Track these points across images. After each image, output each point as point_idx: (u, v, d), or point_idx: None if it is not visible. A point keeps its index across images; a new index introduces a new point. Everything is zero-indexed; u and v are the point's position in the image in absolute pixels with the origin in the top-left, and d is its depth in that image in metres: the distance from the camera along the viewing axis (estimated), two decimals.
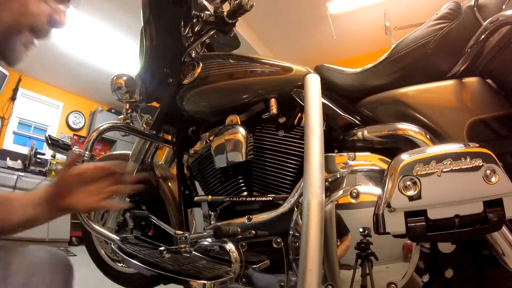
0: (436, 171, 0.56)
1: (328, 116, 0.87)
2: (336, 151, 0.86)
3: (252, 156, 0.88)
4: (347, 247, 0.71)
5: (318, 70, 0.94)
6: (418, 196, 0.56)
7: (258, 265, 0.80)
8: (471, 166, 0.56)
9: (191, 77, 0.98)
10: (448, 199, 0.56)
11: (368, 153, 0.79)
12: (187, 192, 1.05)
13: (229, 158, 0.87)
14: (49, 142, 0.94)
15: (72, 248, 3.62)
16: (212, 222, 0.93)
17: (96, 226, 1.06)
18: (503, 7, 0.72)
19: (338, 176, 0.79)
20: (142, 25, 1.04)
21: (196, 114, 1.03)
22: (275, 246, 0.81)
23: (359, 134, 0.83)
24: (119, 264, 1.26)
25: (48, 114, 4.89)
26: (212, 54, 1.11)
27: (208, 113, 1.01)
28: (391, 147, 0.80)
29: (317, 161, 0.68)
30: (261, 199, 0.87)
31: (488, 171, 0.56)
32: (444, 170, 0.56)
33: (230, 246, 0.82)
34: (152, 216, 1.04)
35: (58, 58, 4.10)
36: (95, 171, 0.66)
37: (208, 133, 1.00)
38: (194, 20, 1.04)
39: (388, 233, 0.57)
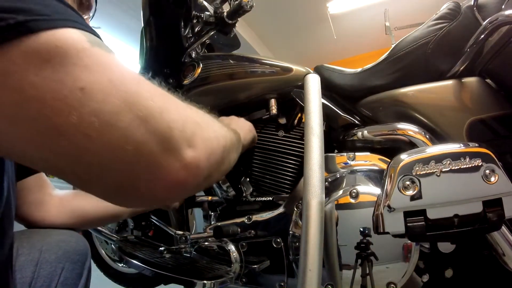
0: (436, 171, 0.56)
1: (328, 116, 0.87)
2: (336, 151, 0.86)
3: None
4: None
5: (317, 70, 0.95)
6: (417, 196, 0.56)
7: (258, 265, 0.80)
8: (470, 166, 0.56)
9: (191, 77, 0.98)
10: (447, 199, 0.56)
11: (367, 153, 0.79)
12: None
13: None
14: None
15: None
16: (212, 222, 0.93)
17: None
18: (503, 6, 0.72)
19: (338, 176, 0.79)
20: (142, 25, 1.04)
21: None
22: (275, 246, 0.81)
23: (359, 134, 0.83)
24: (120, 264, 1.26)
25: None
26: (212, 54, 1.11)
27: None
28: (391, 147, 0.80)
29: (317, 161, 0.68)
30: (261, 199, 0.87)
31: (487, 171, 0.56)
32: (444, 170, 0.56)
33: (230, 246, 0.82)
34: (153, 216, 1.04)
35: None
36: None
37: None
38: (194, 21, 1.04)
39: (388, 233, 0.57)
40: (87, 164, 0.24)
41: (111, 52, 0.26)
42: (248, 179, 0.90)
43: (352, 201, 0.73)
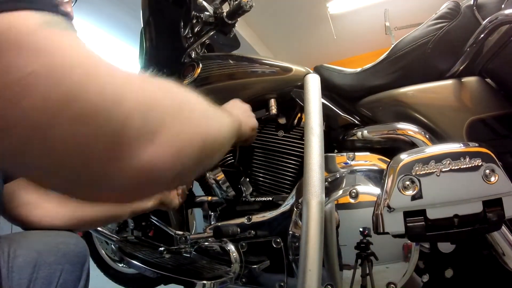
0: (435, 171, 0.56)
1: (327, 116, 0.87)
2: (336, 151, 0.86)
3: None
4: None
5: (317, 70, 0.94)
6: (417, 196, 0.56)
7: (258, 265, 0.80)
8: (470, 165, 0.56)
9: (190, 77, 0.98)
10: (447, 199, 0.56)
11: (367, 153, 0.79)
12: (187, 192, 1.05)
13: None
14: None
15: None
16: (212, 223, 0.93)
17: None
18: (502, 6, 0.72)
19: (338, 176, 0.79)
20: (142, 26, 1.04)
21: None
22: (274, 246, 0.81)
23: (359, 134, 0.83)
24: (120, 264, 1.26)
25: None
26: (211, 54, 1.11)
27: None
28: (391, 147, 0.80)
29: (317, 161, 0.68)
30: (261, 199, 0.87)
31: (487, 171, 0.56)
32: (443, 170, 0.56)
33: (230, 246, 0.82)
34: (153, 217, 1.04)
35: None
36: None
37: None
38: (194, 21, 1.04)
39: (387, 233, 0.57)
40: (37, 157, 0.22)
41: (72, 32, 0.24)
42: (248, 179, 0.89)
43: (352, 201, 0.73)
